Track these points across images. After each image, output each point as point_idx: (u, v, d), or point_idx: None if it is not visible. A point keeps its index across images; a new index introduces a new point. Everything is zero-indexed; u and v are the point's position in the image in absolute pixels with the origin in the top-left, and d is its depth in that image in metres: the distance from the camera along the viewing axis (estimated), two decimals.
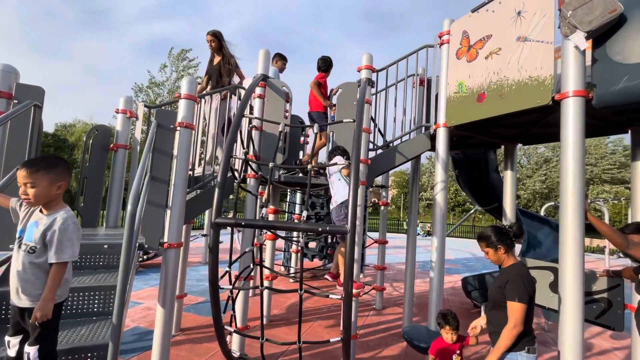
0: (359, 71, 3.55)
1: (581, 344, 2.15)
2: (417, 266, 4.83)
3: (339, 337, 2.30)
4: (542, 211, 14.08)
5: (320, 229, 2.26)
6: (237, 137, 3.09)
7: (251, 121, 3.49)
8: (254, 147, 3.48)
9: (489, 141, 4.16)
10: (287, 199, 8.80)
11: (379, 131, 4.42)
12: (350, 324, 2.23)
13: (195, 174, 3.62)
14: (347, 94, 3.64)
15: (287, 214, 7.82)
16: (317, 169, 3.48)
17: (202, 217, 13.35)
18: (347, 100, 3.62)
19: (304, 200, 7.59)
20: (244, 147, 3.47)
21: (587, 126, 2.29)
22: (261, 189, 3.71)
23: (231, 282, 2.63)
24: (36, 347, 1.57)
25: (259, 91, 3.55)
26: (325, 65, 4.08)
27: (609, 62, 2.23)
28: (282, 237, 4.15)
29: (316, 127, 2.83)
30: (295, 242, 5.77)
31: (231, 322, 2.78)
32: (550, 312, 3.28)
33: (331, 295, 2.44)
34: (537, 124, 3.35)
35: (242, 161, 3.16)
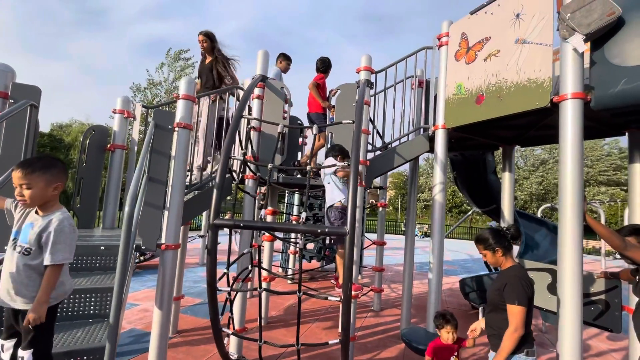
0: (358, 72, 3.55)
1: (580, 346, 2.15)
2: (414, 267, 4.83)
3: (338, 340, 2.29)
4: (538, 212, 14.15)
5: (319, 231, 2.24)
6: (236, 138, 3.07)
7: (250, 122, 3.47)
8: (253, 148, 3.46)
9: (487, 143, 4.16)
10: (285, 200, 8.79)
11: (378, 132, 4.42)
12: (349, 326, 2.22)
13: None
14: (346, 95, 3.64)
15: (285, 215, 7.80)
16: (315, 170, 3.47)
17: (199, 218, 13.29)
18: (345, 101, 3.61)
19: (302, 201, 7.61)
20: (242, 147, 3.45)
21: (585, 128, 2.29)
22: (259, 189, 3.69)
23: (229, 283, 2.61)
24: (30, 351, 1.55)
25: (257, 92, 3.54)
26: (323, 66, 4.07)
27: (607, 65, 2.24)
28: (280, 239, 4.14)
29: (315, 128, 2.82)
30: (293, 243, 5.75)
31: (229, 324, 2.76)
32: (548, 313, 3.29)
33: (330, 297, 2.43)
34: (536, 126, 3.35)
35: (240, 162, 3.15)
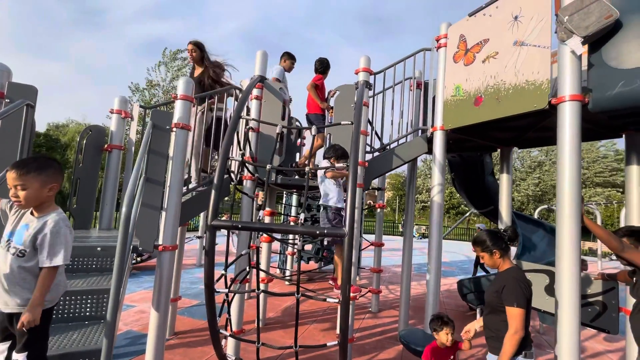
0: (357, 73, 3.54)
1: (578, 347, 2.15)
2: (412, 269, 4.83)
3: (336, 342, 2.28)
4: (535, 214, 14.24)
5: (317, 232, 2.23)
6: (234, 139, 3.06)
7: (248, 122, 3.46)
8: (251, 148, 3.45)
9: (485, 144, 4.18)
10: (283, 200, 8.78)
11: (376, 134, 4.42)
12: (347, 328, 2.21)
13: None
14: (344, 96, 3.64)
15: (283, 216, 7.79)
16: (314, 171, 3.46)
17: (196, 219, 13.24)
18: (344, 102, 3.61)
19: (301, 202, 7.59)
20: (240, 148, 3.44)
21: (582, 130, 2.30)
22: (257, 192, 3.67)
23: (227, 285, 2.59)
24: (25, 354, 1.53)
25: (256, 92, 3.52)
26: (322, 67, 4.07)
27: (604, 67, 2.25)
28: (279, 240, 4.12)
29: (314, 129, 2.82)
30: (291, 244, 5.73)
31: (226, 326, 2.74)
32: (545, 314, 3.30)
33: (329, 298, 2.41)
34: (533, 127, 3.37)
35: (238, 163, 3.13)
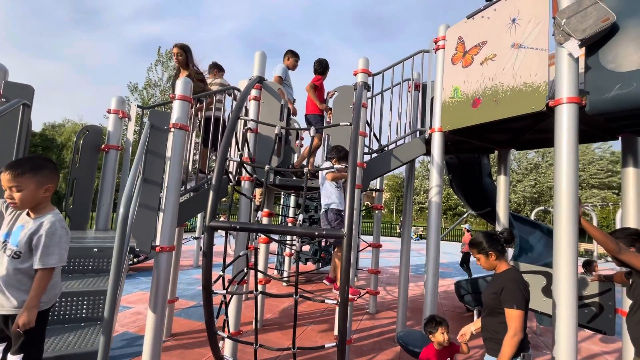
0: (355, 75, 3.55)
1: (575, 349, 2.16)
2: (410, 270, 4.83)
3: (334, 343, 2.28)
4: (532, 215, 14.30)
5: (316, 233, 2.23)
6: (232, 139, 3.04)
7: (246, 123, 3.45)
8: (249, 149, 3.44)
9: (483, 146, 4.19)
10: (281, 201, 8.76)
11: (374, 135, 4.43)
12: (345, 330, 2.21)
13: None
14: (343, 97, 3.64)
15: (280, 217, 7.78)
16: (313, 172, 3.46)
17: (194, 220, 13.18)
18: (343, 103, 3.62)
19: (299, 203, 7.58)
20: (238, 149, 3.43)
21: (579, 132, 2.32)
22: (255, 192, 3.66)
23: (224, 286, 2.58)
24: (20, 356, 1.51)
25: (254, 93, 3.52)
26: (321, 67, 4.08)
27: (601, 70, 2.27)
28: (276, 241, 4.11)
29: (312, 130, 2.82)
30: (289, 245, 5.72)
31: (224, 328, 2.73)
32: (542, 316, 3.31)
33: (327, 300, 2.41)
34: (531, 129, 3.39)
35: (236, 163, 3.12)
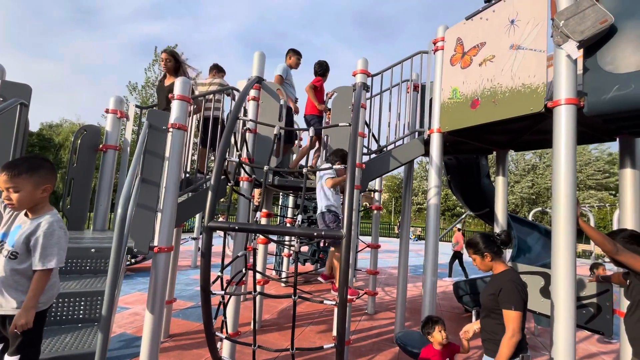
0: (354, 75, 3.55)
1: (573, 349, 2.16)
2: (408, 270, 4.84)
3: (333, 344, 2.27)
4: (530, 216, 14.36)
5: (315, 234, 2.22)
6: (231, 140, 3.04)
7: (245, 123, 3.44)
8: (248, 149, 3.44)
9: (482, 147, 4.20)
10: (280, 202, 8.75)
11: (373, 136, 4.43)
12: (344, 331, 2.20)
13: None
14: (342, 98, 3.64)
15: (279, 217, 7.77)
16: (312, 172, 3.45)
17: (192, 220, 13.15)
18: (342, 104, 3.62)
19: (297, 203, 7.58)
20: (237, 149, 3.43)
21: (577, 133, 2.32)
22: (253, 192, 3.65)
23: (223, 287, 2.57)
24: (17, 357, 1.50)
25: (253, 93, 3.51)
26: (321, 69, 4.09)
27: (600, 72, 2.27)
28: (275, 241, 4.11)
29: (311, 130, 2.81)
30: (288, 246, 5.71)
31: (222, 328, 2.72)
32: (540, 316, 3.32)
33: (326, 300, 2.40)
34: (529, 130, 3.39)
35: (235, 164, 3.12)
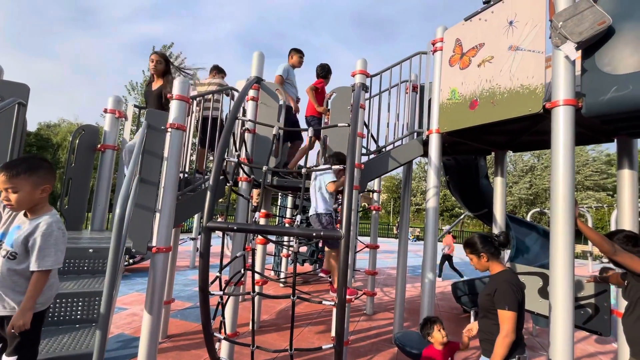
0: (353, 76, 3.55)
1: (571, 349, 2.17)
2: (407, 271, 4.84)
3: (331, 345, 2.27)
4: (528, 217, 14.40)
5: (314, 234, 2.22)
6: (230, 140, 3.03)
7: (244, 124, 3.44)
8: (247, 150, 3.43)
9: (480, 148, 4.21)
10: (278, 202, 8.74)
11: (372, 136, 4.44)
12: (343, 332, 2.20)
13: None
14: (341, 98, 3.64)
15: (278, 217, 7.76)
16: (310, 172, 3.45)
17: (190, 220, 13.14)
18: (341, 104, 3.62)
19: (296, 204, 7.57)
20: (236, 149, 3.42)
21: (575, 134, 2.33)
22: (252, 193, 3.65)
23: (221, 287, 2.57)
24: (14, 358, 1.49)
25: (252, 94, 3.51)
26: (323, 72, 4.12)
27: (598, 73, 2.28)
28: (274, 242, 4.10)
29: (311, 130, 2.81)
30: (287, 246, 5.70)
31: (220, 329, 2.71)
32: (538, 317, 3.33)
33: (324, 301, 2.40)
34: (528, 131, 3.41)
35: (234, 164, 3.11)
